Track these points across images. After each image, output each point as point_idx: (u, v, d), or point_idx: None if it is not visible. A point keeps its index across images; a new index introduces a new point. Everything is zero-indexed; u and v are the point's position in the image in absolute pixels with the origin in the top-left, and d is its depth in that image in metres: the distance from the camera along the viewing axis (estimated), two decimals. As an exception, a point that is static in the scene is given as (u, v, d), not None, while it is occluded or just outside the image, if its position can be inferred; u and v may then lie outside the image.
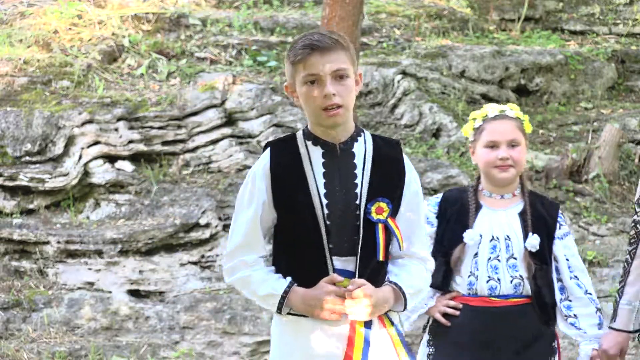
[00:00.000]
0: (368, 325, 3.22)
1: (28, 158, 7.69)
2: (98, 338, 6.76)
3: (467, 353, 3.86)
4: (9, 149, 7.71)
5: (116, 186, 7.65)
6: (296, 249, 3.25)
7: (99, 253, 7.15)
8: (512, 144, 3.92)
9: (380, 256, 3.23)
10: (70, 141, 7.71)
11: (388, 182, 3.28)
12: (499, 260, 3.87)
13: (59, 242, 7.18)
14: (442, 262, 3.88)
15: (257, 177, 3.28)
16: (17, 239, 7.28)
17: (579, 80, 9.57)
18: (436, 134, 8.53)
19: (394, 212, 3.27)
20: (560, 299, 3.92)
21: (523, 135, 3.96)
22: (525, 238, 3.87)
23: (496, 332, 3.84)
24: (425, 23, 10.04)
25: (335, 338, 3.21)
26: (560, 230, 3.95)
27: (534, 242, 3.87)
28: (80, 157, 7.66)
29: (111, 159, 7.74)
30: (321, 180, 3.24)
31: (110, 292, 7.02)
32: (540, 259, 3.87)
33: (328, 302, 3.16)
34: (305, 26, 9.50)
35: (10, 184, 7.57)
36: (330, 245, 3.21)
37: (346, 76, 3.21)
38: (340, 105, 3.19)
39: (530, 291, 3.86)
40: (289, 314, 3.25)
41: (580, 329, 3.91)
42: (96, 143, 7.73)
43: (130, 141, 7.79)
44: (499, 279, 3.86)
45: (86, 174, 7.66)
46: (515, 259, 3.87)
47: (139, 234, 7.18)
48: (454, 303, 3.90)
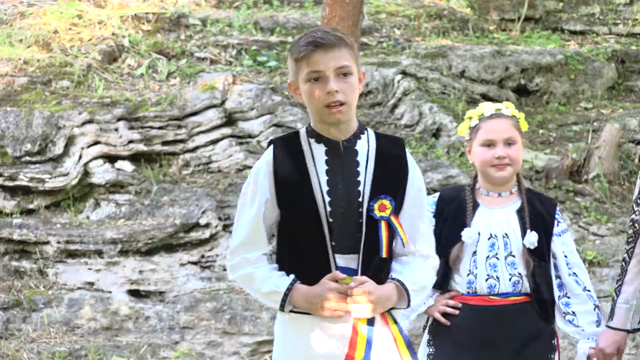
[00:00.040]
0: (370, 323, 3.21)
1: (28, 158, 7.69)
2: (98, 338, 6.76)
3: (467, 353, 3.86)
4: (9, 149, 7.70)
5: (116, 186, 7.65)
6: (299, 247, 3.25)
7: (99, 253, 7.15)
8: (509, 142, 3.91)
9: (383, 253, 3.23)
10: (70, 141, 7.70)
11: (391, 180, 3.28)
12: (497, 258, 3.87)
13: (59, 242, 7.18)
14: (441, 261, 3.86)
15: (260, 175, 3.28)
16: (17, 239, 7.28)
17: (579, 80, 9.57)
18: (436, 134, 8.52)
19: (397, 210, 3.26)
20: (559, 296, 3.92)
21: (519, 134, 3.96)
22: (523, 235, 3.87)
23: (496, 331, 3.84)
24: (425, 23, 10.04)
25: (337, 337, 3.21)
26: (558, 227, 3.95)
27: (532, 239, 3.86)
28: (80, 157, 7.66)
29: (111, 159, 7.74)
30: (324, 178, 3.24)
31: (110, 292, 7.02)
32: (539, 256, 3.87)
33: (330, 300, 3.15)
34: (305, 26, 9.49)
35: (10, 184, 7.57)
36: (333, 243, 3.21)
37: (349, 74, 3.21)
38: (343, 103, 3.19)
39: (529, 289, 3.86)
40: (291, 311, 3.24)
41: (578, 327, 3.91)
42: (96, 143, 7.72)
43: (130, 141, 7.79)
44: (497, 277, 3.86)
45: (86, 174, 7.66)
46: (514, 256, 3.87)
47: (139, 234, 7.18)
48: (453, 302, 3.89)
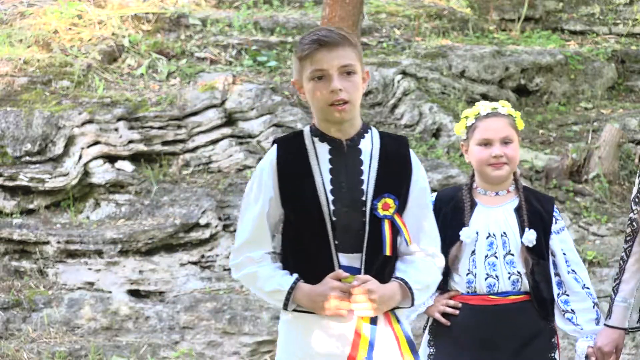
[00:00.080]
0: (373, 322, 3.20)
1: (28, 158, 7.68)
2: (98, 338, 6.77)
3: (467, 352, 3.86)
4: (9, 149, 7.70)
5: (116, 186, 7.65)
6: (302, 245, 3.24)
7: (99, 253, 7.15)
8: (505, 141, 3.91)
9: (387, 251, 3.21)
10: (70, 141, 7.70)
11: (395, 178, 3.27)
12: (496, 257, 3.87)
13: (59, 242, 7.18)
14: (440, 261, 3.88)
15: (264, 174, 3.28)
16: (17, 239, 7.28)
17: (579, 80, 9.56)
18: (436, 134, 8.52)
19: (401, 209, 3.26)
20: (558, 294, 3.92)
21: (516, 132, 3.95)
22: (521, 234, 3.87)
23: (496, 331, 3.84)
24: (425, 23, 10.04)
25: (340, 336, 3.20)
26: (557, 225, 3.95)
27: (531, 237, 3.86)
28: (80, 157, 7.66)
29: (111, 159, 7.74)
30: (327, 177, 3.23)
31: (110, 292, 7.02)
32: (537, 254, 3.87)
33: (333, 298, 3.15)
34: (305, 26, 9.49)
35: (10, 184, 7.57)
36: (336, 242, 3.20)
37: (353, 72, 3.21)
38: (346, 101, 3.19)
39: (528, 287, 3.86)
40: (295, 310, 3.24)
41: (577, 325, 3.92)
42: (96, 143, 7.72)
43: (130, 141, 7.78)
44: (497, 276, 3.86)
45: (86, 174, 7.66)
46: (513, 255, 3.86)
47: (139, 234, 7.18)
48: (453, 302, 3.89)
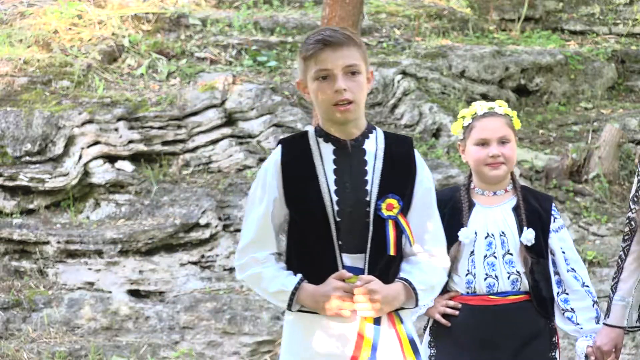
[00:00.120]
0: (377, 322, 3.19)
1: (28, 158, 7.69)
2: (98, 338, 6.77)
3: (467, 353, 3.85)
4: (9, 149, 7.71)
5: (116, 186, 7.65)
6: (306, 246, 3.24)
7: (99, 253, 7.15)
8: (503, 140, 3.90)
9: (391, 251, 3.21)
10: (70, 141, 7.71)
11: (399, 179, 3.26)
12: (495, 257, 3.86)
13: (59, 242, 7.18)
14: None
15: (269, 174, 3.27)
16: (17, 239, 7.28)
17: (579, 80, 9.57)
18: (436, 134, 8.53)
19: (406, 209, 3.25)
20: (558, 293, 3.92)
21: (513, 132, 3.94)
22: (520, 233, 3.86)
23: (496, 331, 3.83)
24: (425, 23, 10.04)
25: (343, 336, 3.20)
26: (555, 223, 3.94)
27: (529, 236, 3.86)
28: (80, 157, 7.66)
29: (111, 159, 7.74)
30: (332, 177, 3.23)
31: (110, 292, 7.03)
32: (537, 253, 3.86)
33: (334, 298, 3.15)
34: (305, 26, 9.49)
35: (10, 184, 7.57)
36: (340, 242, 3.20)
37: (358, 72, 3.21)
38: (351, 101, 3.19)
39: (528, 286, 3.85)
40: (299, 310, 3.23)
41: (577, 324, 3.91)
42: (96, 143, 7.72)
43: (130, 141, 7.79)
44: (496, 276, 3.85)
45: (86, 174, 7.66)
46: (512, 254, 3.86)
47: (139, 234, 7.18)
48: (453, 303, 3.88)
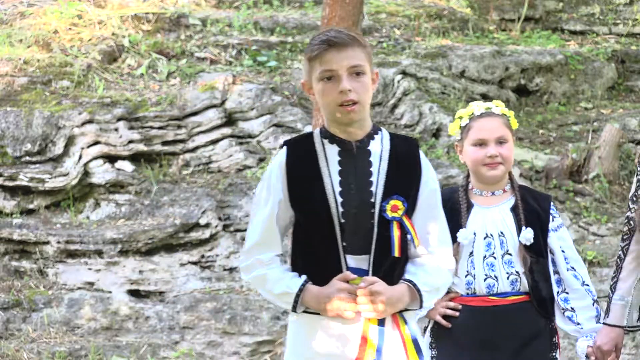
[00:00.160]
0: (381, 324, 3.19)
1: (28, 158, 7.69)
2: (98, 338, 6.77)
3: (467, 353, 3.85)
4: (9, 149, 7.71)
5: (116, 186, 7.65)
6: (311, 247, 3.24)
7: (99, 253, 7.15)
8: (500, 140, 3.90)
9: (396, 252, 3.20)
10: (70, 141, 7.71)
11: (404, 180, 3.27)
12: (494, 257, 3.86)
13: (59, 242, 7.18)
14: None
15: (273, 176, 3.27)
16: (17, 239, 7.28)
17: (579, 80, 9.56)
18: (436, 134, 8.52)
19: (410, 211, 3.25)
20: (558, 292, 3.91)
21: (510, 132, 3.94)
22: (518, 233, 3.85)
23: (496, 331, 3.83)
24: (425, 23, 10.04)
25: (346, 337, 3.19)
26: (554, 223, 3.94)
27: (528, 236, 3.85)
28: (80, 157, 7.66)
29: (111, 159, 7.74)
30: (337, 178, 3.23)
31: (110, 292, 7.03)
32: (536, 252, 3.86)
33: (336, 300, 3.14)
34: (305, 26, 9.49)
35: (10, 184, 7.57)
36: (344, 243, 3.19)
37: (362, 73, 3.21)
38: (356, 102, 3.19)
39: (527, 287, 3.85)
40: (304, 312, 3.23)
41: (578, 324, 3.91)
42: (96, 143, 7.73)
43: (130, 141, 7.79)
44: (496, 277, 3.84)
45: (86, 174, 7.66)
46: (511, 254, 3.85)
47: (139, 234, 7.18)
48: (453, 304, 3.88)
